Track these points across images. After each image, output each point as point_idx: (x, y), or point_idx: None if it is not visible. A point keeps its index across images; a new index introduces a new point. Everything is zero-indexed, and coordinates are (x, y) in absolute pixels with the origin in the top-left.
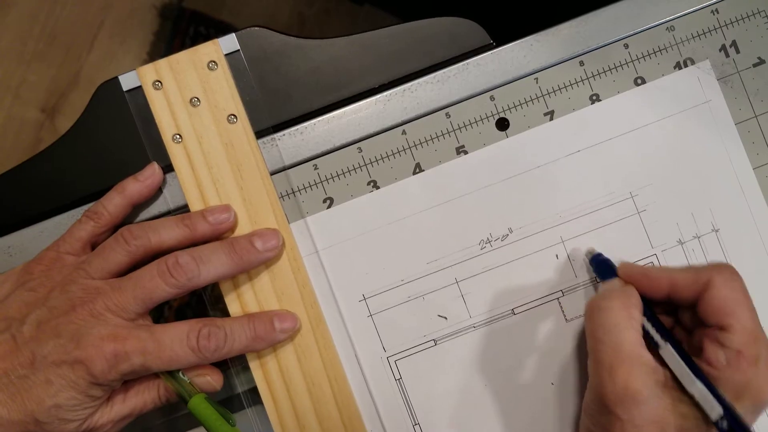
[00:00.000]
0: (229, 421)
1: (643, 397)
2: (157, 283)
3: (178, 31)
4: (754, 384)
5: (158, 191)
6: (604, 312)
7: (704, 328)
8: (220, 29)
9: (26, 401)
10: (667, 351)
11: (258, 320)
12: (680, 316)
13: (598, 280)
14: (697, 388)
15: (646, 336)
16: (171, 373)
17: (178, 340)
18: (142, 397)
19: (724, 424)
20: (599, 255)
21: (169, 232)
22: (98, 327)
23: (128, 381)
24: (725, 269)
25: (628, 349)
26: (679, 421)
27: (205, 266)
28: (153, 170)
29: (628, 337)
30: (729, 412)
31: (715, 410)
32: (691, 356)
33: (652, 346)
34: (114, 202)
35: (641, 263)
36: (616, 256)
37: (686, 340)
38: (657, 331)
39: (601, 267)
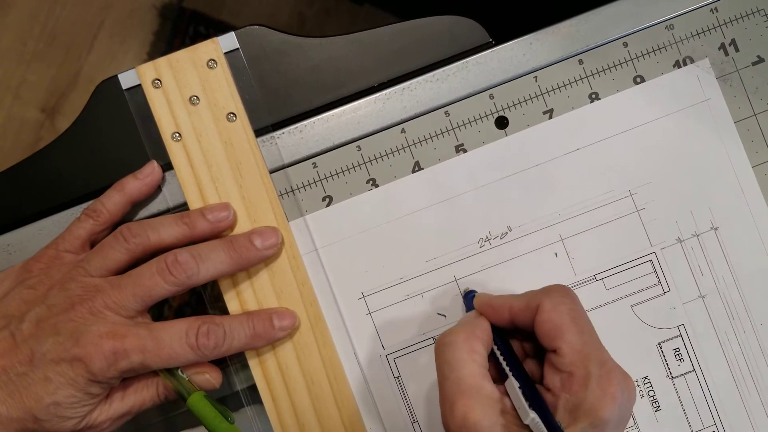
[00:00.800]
0: (228, 419)
1: (483, 427)
2: (157, 281)
3: (178, 31)
4: (587, 404)
5: (157, 189)
6: (448, 347)
7: (546, 355)
8: (220, 29)
9: (25, 399)
10: (509, 384)
11: (257, 318)
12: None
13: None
14: (529, 418)
15: (500, 366)
16: (170, 371)
17: (177, 338)
18: (141, 395)
19: None
20: (471, 292)
21: (169, 230)
22: (97, 325)
23: (127, 379)
24: (554, 291)
25: (468, 382)
26: None
27: (205, 264)
28: (152, 168)
29: (469, 371)
30: None
31: None
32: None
33: (504, 375)
34: (113, 200)
35: (640, 262)
36: (615, 254)
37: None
38: (505, 361)
39: (467, 301)
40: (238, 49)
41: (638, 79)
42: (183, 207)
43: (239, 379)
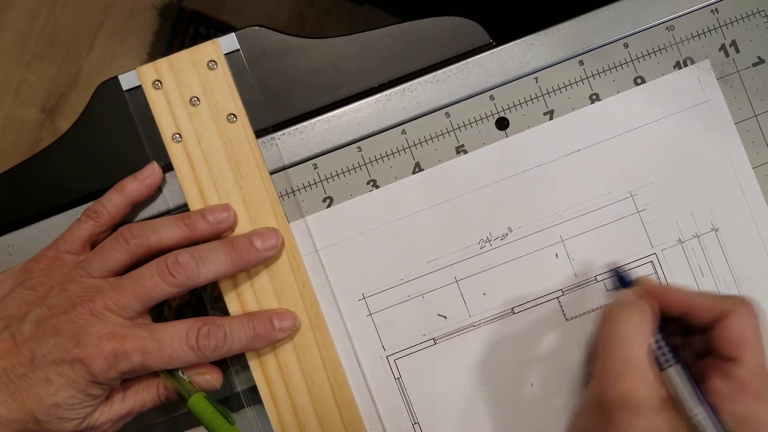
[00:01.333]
0: (229, 420)
1: (644, 408)
2: (157, 282)
3: (178, 31)
4: (754, 418)
5: (158, 190)
6: (619, 323)
7: (713, 358)
8: (220, 29)
9: (26, 400)
10: (674, 372)
11: (257, 319)
12: (691, 339)
13: (613, 288)
14: (700, 410)
15: (654, 354)
16: (170, 372)
17: (177, 339)
18: (142, 396)
19: None
20: (622, 270)
21: (169, 231)
22: (98, 326)
23: (128, 380)
24: (746, 303)
25: (635, 361)
26: None
27: (205, 265)
28: (152, 169)
29: (637, 350)
30: None
31: None
32: (696, 382)
33: (657, 365)
34: (113, 202)
35: (641, 263)
36: (616, 255)
37: (691, 365)
38: (668, 350)
39: (621, 278)
40: (238, 50)
41: (639, 80)
42: (183, 208)
43: (240, 380)
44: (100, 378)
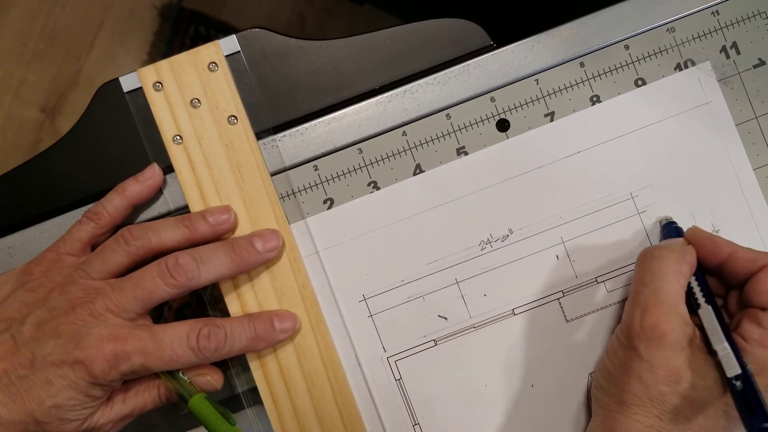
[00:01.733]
0: (229, 421)
1: (668, 340)
2: (157, 283)
3: (178, 31)
4: None
5: (158, 192)
6: (657, 260)
7: (746, 309)
8: (220, 29)
9: (26, 401)
10: (705, 311)
11: (258, 320)
12: (728, 299)
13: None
14: (723, 346)
15: (689, 298)
16: (171, 373)
17: (178, 340)
18: (143, 397)
19: (738, 384)
20: (673, 222)
21: (170, 233)
22: (98, 327)
23: (128, 381)
24: None
25: (667, 296)
26: (695, 378)
27: (205, 267)
28: (153, 171)
29: (671, 286)
30: (746, 373)
31: (733, 369)
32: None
33: (691, 309)
34: (114, 203)
35: None
36: (616, 256)
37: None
38: (702, 292)
39: (670, 231)
40: (239, 51)
41: (639, 82)
42: (184, 210)
43: (240, 381)
44: (100, 379)
